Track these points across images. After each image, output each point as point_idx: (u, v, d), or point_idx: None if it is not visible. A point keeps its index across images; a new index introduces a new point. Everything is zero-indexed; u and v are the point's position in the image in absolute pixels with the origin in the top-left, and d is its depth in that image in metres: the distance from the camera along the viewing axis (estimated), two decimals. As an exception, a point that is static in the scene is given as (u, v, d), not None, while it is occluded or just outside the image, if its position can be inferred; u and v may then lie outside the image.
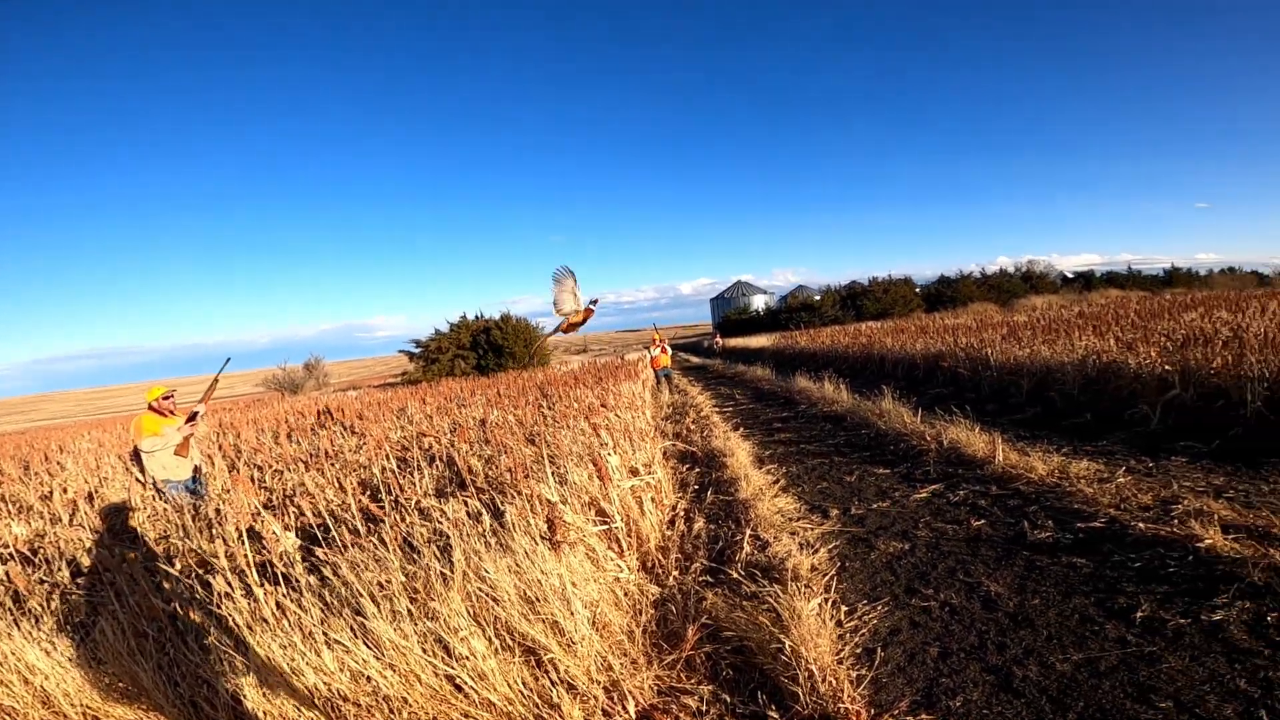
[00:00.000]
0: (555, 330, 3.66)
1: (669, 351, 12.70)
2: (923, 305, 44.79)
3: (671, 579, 3.21)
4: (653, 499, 3.94)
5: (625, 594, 2.90)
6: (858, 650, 2.64)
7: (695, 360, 27.06)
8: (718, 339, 38.36)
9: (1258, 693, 2.07)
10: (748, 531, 3.80)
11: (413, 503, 3.31)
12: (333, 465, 5.46)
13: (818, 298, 50.87)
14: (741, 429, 8.33)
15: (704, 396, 12.69)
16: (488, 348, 28.79)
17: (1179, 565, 3.06)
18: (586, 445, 4.41)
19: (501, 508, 2.88)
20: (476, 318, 30.04)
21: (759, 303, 69.29)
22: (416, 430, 6.76)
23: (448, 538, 2.63)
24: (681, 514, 4.28)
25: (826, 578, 3.26)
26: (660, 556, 3.49)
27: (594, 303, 3.46)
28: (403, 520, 3.01)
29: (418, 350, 29.89)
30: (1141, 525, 3.51)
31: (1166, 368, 6.25)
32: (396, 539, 2.64)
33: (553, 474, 3.34)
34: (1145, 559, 3.18)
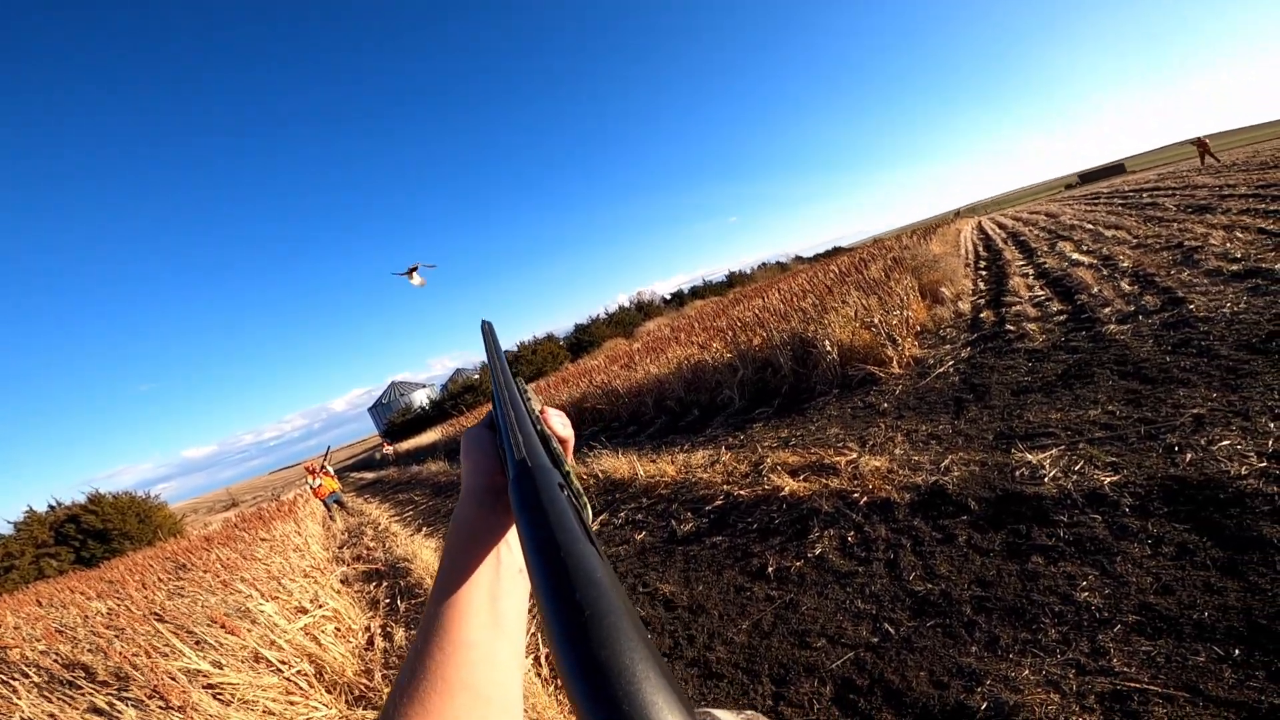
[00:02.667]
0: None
1: (332, 475, 11.09)
2: (569, 355, 49.08)
3: (386, 696, 2.68)
4: (335, 629, 3.99)
5: (330, 731, 2.85)
6: (570, 690, 2.49)
7: (370, 476, 24.61)
8: (386, 447, 34.91)
9: (874, 608, 2.34)
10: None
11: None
12: None
13: (477, 376, 50.98)
14: (425, 529, 7.97)
15: (381, 510, 11.70)
16: (84, 536, 25.37)
17: (780, 515, 3.48)
18: (237, 604, 4.21)
19: (126, 695, 2.82)
20: (51, 507, 26.47)
21: (421, 398, 66.52)
22: (-9, 648, 5.98)
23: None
24: (378, 631, 4.23)
25: (527, 635, 3.07)
26: (365, 680, 3.48)
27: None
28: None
29: (-31, 566, 24.54)
30: (745, 492, 3.95)
31: (729, 355, 7.70)
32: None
33: (188, 645, 3.25)
34: (758, 519, 3.58)
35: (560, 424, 0.46)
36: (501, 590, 0.37)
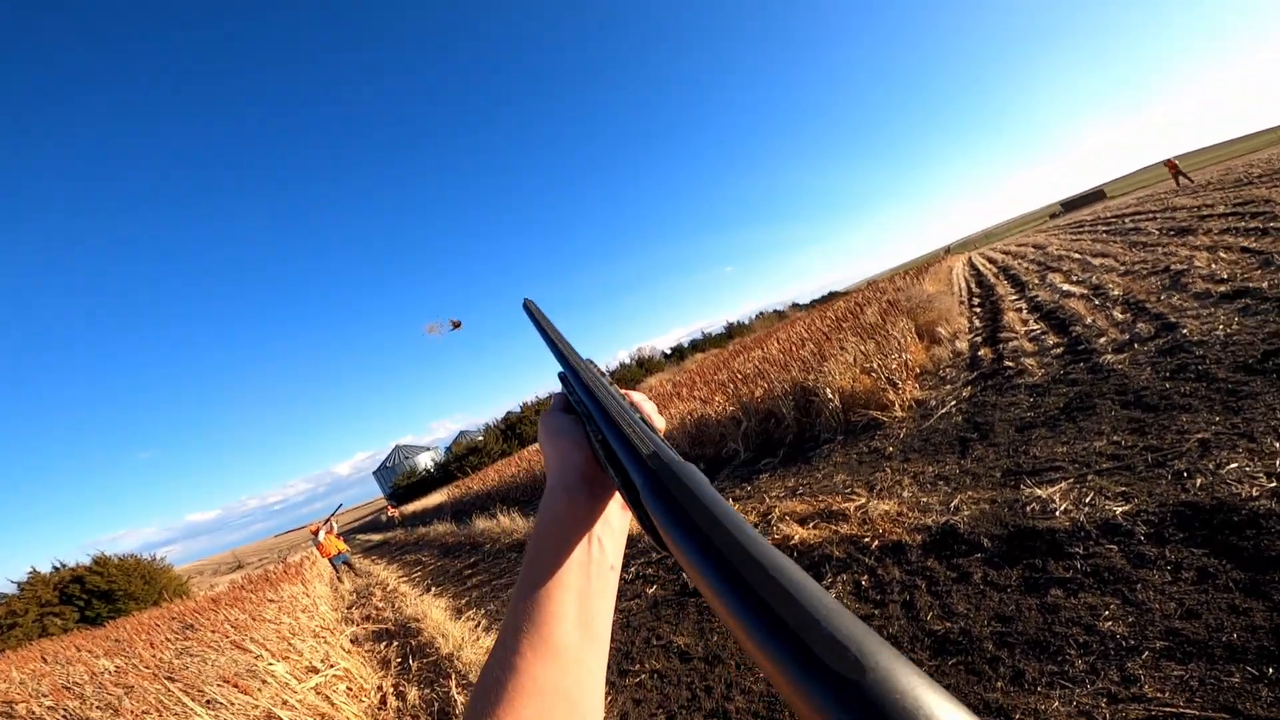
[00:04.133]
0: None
1: (338, 536, 11.08)
2: (573, 413, 48.81)
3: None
4: (347, 689, 4.02)
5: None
6: (594, 746, 2.46)
7: (376, 538, 24.24)
8: (390, 510, 34.64)
9: (894, 649, 2.26)
10: (454, 682, 3.83)
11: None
12: None
13: (480, 438, 51.02)
14: (434, 588, 7.92)
15: (389, 570, 11.63)
16: (89, 596, 25.69)
17: (791, 565, 3.39)
18: (247, 664, 4.23)
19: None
20: (55, 568, 26.84)
21: (425, 460, 66.74)
22: (2, 700, 6.11)
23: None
24: (390, 690, 4.26)
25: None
26: (379, 740, 3.58)
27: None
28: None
29: (-24, 623, 25.09)
30: (756, 543, 3.86)
31: (731, 408, 7.69)
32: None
33: (199, 705, 3.29)
34: (770, 570, 3.48)
35: (653, 411, 0.39)
36: (592, 590, 0.34)
